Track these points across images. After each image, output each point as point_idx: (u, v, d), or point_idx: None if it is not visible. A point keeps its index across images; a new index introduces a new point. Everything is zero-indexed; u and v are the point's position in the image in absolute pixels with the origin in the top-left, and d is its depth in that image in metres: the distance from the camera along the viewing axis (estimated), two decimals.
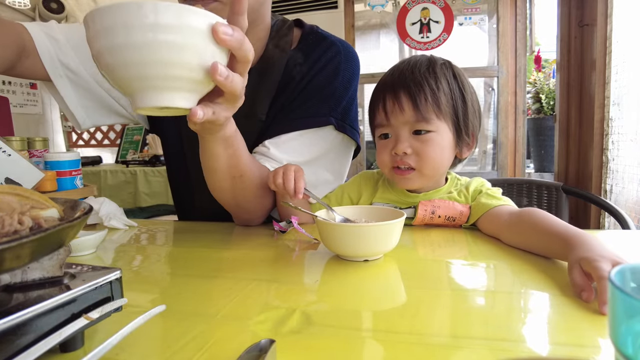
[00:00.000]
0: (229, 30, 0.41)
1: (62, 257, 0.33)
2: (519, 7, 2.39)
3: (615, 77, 1.62)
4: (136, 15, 0.37)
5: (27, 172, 0.97)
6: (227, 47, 0.42)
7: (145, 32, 0.37)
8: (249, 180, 0.69)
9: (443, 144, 0.70)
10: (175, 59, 0.39)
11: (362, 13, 2.71)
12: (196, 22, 0.39)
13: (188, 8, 0.38)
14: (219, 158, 0.63)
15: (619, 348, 0.21)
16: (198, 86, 0.43)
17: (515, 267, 0.53)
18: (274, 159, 0.78)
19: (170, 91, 0.41)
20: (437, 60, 0.73)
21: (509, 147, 2.45)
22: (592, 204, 1.62)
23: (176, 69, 0.40)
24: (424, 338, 0.35)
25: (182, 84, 0.41)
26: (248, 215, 0.79)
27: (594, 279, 0.42)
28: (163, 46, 0.38)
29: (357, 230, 0.54)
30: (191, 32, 0.39)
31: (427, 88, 0.68)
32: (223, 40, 0.40)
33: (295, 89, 0.81)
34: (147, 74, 0.39)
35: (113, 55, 0.39)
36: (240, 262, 0.59)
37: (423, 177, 0.72)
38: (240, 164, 0.66)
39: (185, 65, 0.40)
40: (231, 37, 0.41)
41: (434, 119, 0.69)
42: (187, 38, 0.39)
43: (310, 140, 0.80)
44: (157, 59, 0.38)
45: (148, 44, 0.38)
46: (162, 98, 0.41)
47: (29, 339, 0.28)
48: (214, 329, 0.38)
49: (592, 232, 0.79)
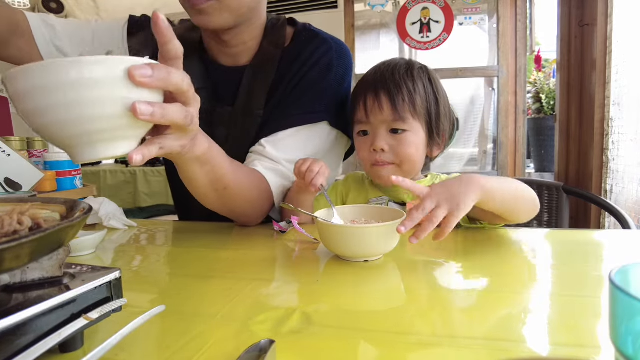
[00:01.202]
0: (147, 72, 0.38)
1: (62, 257, 0.33)
2: (519, 7, 2.39)
3: (616, 77, 1.62)
4: (47, 75, 0.35)
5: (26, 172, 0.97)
6: (150, 88, 0.40)
7: (59, 92, 0.35)
8: (236, 191, 0.68)
9: (417, 142, 0.75)
10: (96, 113, 0.37)
11: (362, 13, 2.70)
12: (108, 72, 0.36)
13: (98, 60, 0.36)
14: (197, 177, 0.61)
15: (619, 348, 0.21)
16: (133, 131, 0.41)
17: (515, 267, 0.53)
18: (270, 157, 0.78)
19: (103, 142, 0.40)
20: (414, 64, 0.78)
21: (509, 147, 2.44)
22: (592, 204, 1.62)
23: (102, 122, 0.38)
24: (423, 338, 0.35)
25: (113, 134, 0.40)
26: (245, 219, 0.79)
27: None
28: (80, 104, 0.36)
29: (357, 231, 0.54)
30: (106, 83, 0.36)
31: (405, 89, 0.73)
32: (142, 83, 0.38)
33: (289, 84, 0.82)
34: (73, 133, 0.38)
35: (35, 118, 0.37)
36: (240, 262, 0.58)
37: (401, 171, 0.76)
38: (223, 178, 0.64)
39: (109, 116, 0.38)
40: (151, 77, 0.38)
41: (409, 118, 0.73)
42: (102, 91, 0.36)
43: (306, 136, 0.81)
44: (78, 117, 0.36)
45: (65, 104, 0.36)
46: (95, 152, 0.40)
47: (29, 339, 0.28)
48: (213, 329, 0.38)
49: (592, 232, 0.79)
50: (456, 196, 0.52)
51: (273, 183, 0.77)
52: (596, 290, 0.45)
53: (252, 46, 0.84)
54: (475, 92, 2.62)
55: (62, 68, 0.35)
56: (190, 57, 0.86)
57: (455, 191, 0.53)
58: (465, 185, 0.54)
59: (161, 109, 0.40)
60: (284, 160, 0.78)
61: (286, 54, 0.83)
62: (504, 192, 0.58)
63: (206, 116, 0.85)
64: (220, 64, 0.86)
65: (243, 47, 0.83)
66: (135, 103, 0.38)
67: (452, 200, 0.52)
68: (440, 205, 0.51)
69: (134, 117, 0.38)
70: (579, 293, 0.44)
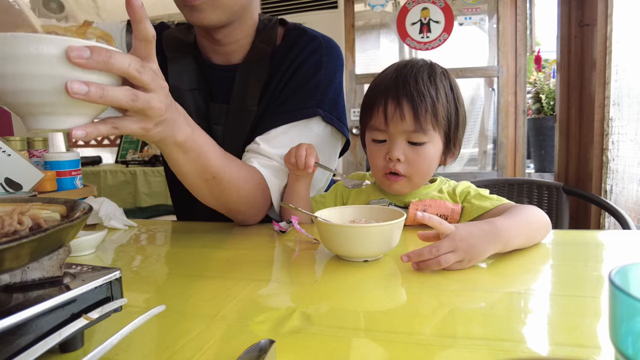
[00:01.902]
0: (84, 54, 0.39)
1: (62, 257, 0.33)
2: (519, 7, 2.39)
3: (615, 77, 1.62)
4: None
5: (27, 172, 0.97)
6: (90, 69, 0.41)
7: (5, 63, 0.38)
8: (226, 182, 0.68)
9: (434, 155, 0.73)
10: (35, 88, 0.40)
11: (362, 13, 2.70)
12: (46, 50, 0.39)
13: (36, 37, 0.39)
14: (180, 164, 0.62)
15: (619, 348, 0.21)
16: (76, 109, 0.43)
17: (515, 267, 0.53)
18: (265, 154, 0.78)
19: (47, 116, 0.42)
20: (437, 69, 0.74)
21: (509, 147, 2.44)
22: (592, 204, 1.62)
23: (42, 97, 0.40)
24: (423, 338, 0.35)
25: (55, 109, 0.42)
26: (242, 216, 0.79)
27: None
28: (23, 77, 0.39)
29: (357, 231, 0.54)
30: (42, 60, 0.39)
31: (428, 99, 0.69)
32: (78, 64, 0.39)
33: (281, 82, 0.83)
34: (18, 102, 0.41)
35: None
36: (240, 262, 0.59)
37: (411, 185, 0.74)
38: (210, 167, 0.64)
39: (48, 92, 0.40)
40: (88, 59, 0.39)
41: (430, 130, 0.70)
42: (38, 67, 0.39)
43: (299, 132, 0.81)
44: (20, 89, 0.39)
45: (11, 75, 0.39)
46: (38, 123, 0.43)
47: (29, 339, 0.28)
48: (214, 329, 0.38)
49: (592, 232, 0.79)
50: (475, 249, 0.50)
51: (270, 182, 0.77)
52: (596, 290, 0.45)
53: (244, 45, 0.84)
54: (475, 92, 2.62)
55: (8, 41, 0.38)
56: (185, 57, 0.87)
57: (477, 244, 0.51)
58: (489, 241, 0.52)
59: (99, 89, 0.41)
60: (278, 156, 0.79)
61: (277, 52, 0.84)
62: (521, 239, 0.57)
63: (202, 114, 0.86)
64: (214, 63, 0.87)
65: (235, 45, 0.84)
66: (68, 81, 0.39)
67: (469, 252, 0.50)
68: (456, 252, 0.49)
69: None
70: (579, 293, 0.44)
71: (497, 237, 0.53)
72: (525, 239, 0.58)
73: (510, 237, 0.54)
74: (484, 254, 0.52)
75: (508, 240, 0.54)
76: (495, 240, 0.53)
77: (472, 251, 0.50)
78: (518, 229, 0.56)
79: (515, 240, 0.55)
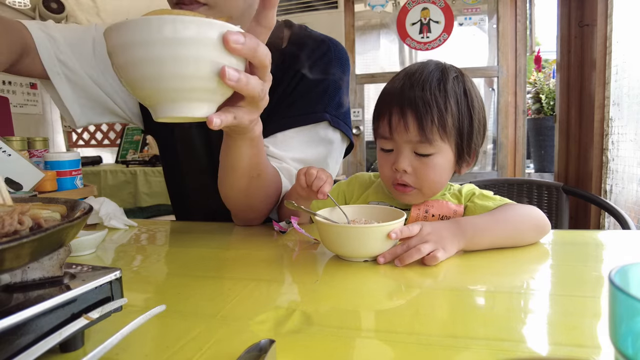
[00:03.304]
0: (240, 39, 0.41)
1: (62, 257, 0.33)
2: (519, 7, 2.39)
3: (615, 77, 1.62)
4: (147, 31, 0.37)
5: (27, 172, 0.97)
6: (240, 56, 0.42)
7: (156, 47, 0.38)
8: (264, 180, 0.70)
9: (443, 165, 0.69)
10: (189, 72, 0.39)
11: (362, 13, 2.71)
12: (207, 33, 0.39)
13: (197, 20, 0.38)
14: (242, 157, 0.63)
15: (619, 348, 0.21)
16: (214, 95, 0.44)
17: (515, 267, 0.53)
18: (275, 156, 0.78)
19: (187, 102, 0.42)
20: (449, 74, 0.69)
21: (509, 147, 2.45)
22: (592, 204, 1.62)
23: (191, 81, 0.40)
24: (423, 338, 0.35)
25: (198, 94, 0.42)
26: (254, 214, 0.79)
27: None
28: (176, 60, 0.38)
29: (357, 231, 0.54)
30: (203, 44, 0.39)
31: (434, 109, 0.66)
32: (234, 49, 0.40)
33: (289, 86, 0.82)
34: (163, 87, 0.40)
35: (128, 70, 0.40)
36: (240, 262, 0.59)
37: (422, 195, 0.72)
38: (260, 164, 0.67)
39: (200, 76, 0.40)
40: (242, 45, 0.41)
41: (437, 140, 0.66)
42: (199, 51, 0.39)
43: (307, 137, 0.81)
44: (171, 73, 0.39)
45: (161, 59, 0.38)
46: (178, 109, 0.42)
47: (29, 339, 0.28)
48: (214, 329, 0.38)
49: (592, 232, 0.79)
50: (444, 240, 0.55)
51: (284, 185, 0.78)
52: (596, 290, 0.45)
53: None
54: None
55: (160, 24, 0.37)
56: None
57: (445, 235, 0.56)
58: (454, 234, 0.57)
59: (246, 77, 0.43)
60: (289, 158, 0.79)
61: (284, 55, 0.83)
62: (494, 236, 0.59)
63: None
64: None
65: None
66: (225, 67, 0.40)
67: (439, 242, 0.55)
68: (428, 242, 0.54)
69: (219, 81, 0.41)
70: (579, 293, 0.44)
71: (461, 232, 0.57)
72: (500, 238, 0.59)
73: (474, 234, 0.58)
74: (451, 246, 0.56)
75: (473, 236, 0.57)
76: (459, 234, 0.57)
77: (442, 241, 0.55)
78: (488, 226, 0.59)
79: (482, 237, 0.58)
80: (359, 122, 2.65)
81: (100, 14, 3.21)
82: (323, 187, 0.65)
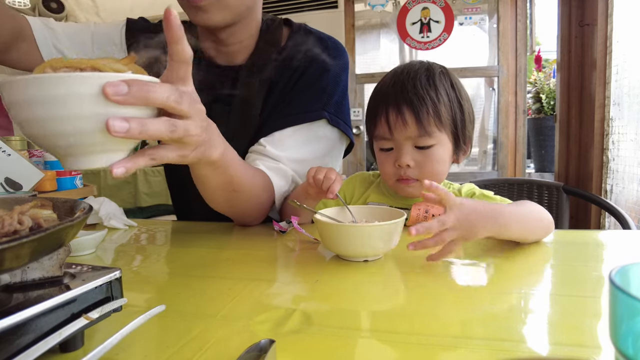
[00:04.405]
0: (122, 89, 0.36)
1: (62, 257, 0.33)
2: (520, 6, 2.39)
3: (616, 77, 1.62)
4: (24, 91, 0.35)
5: (27, 172, 0.97)
6: (127, 105, 0.38)
7: (38, 107, 0.35)
8: (244, 194, 0.68)
9: (443, 155, 0.72)
10: (70, 130, 0.37)
11: (362, 13, 2.70)
12: (79, 89, 0.35)
13: (66, 77, 0.35)
14: (208, 178, 0.61)
15: (620, 348, 0.21)
16: (117, 145, 0.40)
17: (515, 267, 0.53)
18: (271, 156, 0.78)
19: (89, 155, 0.40)
20: (435, 69, 0.73)
21: (509, 147, 2.45)
22: (592, 204, 1.62)
23: (81, 138, 0.37)
24: (424, 338, 0.35)
25: (95, 147, 0.39)
26: (248, 219, 0.79)
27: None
28: (56, 120, 0.36)
29: (357, 231, 0.54)
30: (78, 101, 0.36)
31: (429, 102, 0.69)
32: (117, 101, 0.36)
33: (287, 84, 0.82)
34: (57, 144, 0.38)
35: (23, 129, 0.38)
36: (240, 262, 0.59)
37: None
38: (233, 182, 0.64)
39: (87, 132, 0.37)
40: (126, 95, 0.36)
41: (435, 132, 0.70)
42: (74, 109, 0.36)
43: (305, 135, 0.81)
44: (57, 131, 0.37)
45: (44, 119, 0.36)
46: (78, 163, 0.40)
47: (29, 339, 0.28)
48: (214, 329, 0.38)
49: (593, 232, 0.79)
50: (473, 228, 0.52)
51: (276, 184, 0.77)
52: (596, 290, 0.45)
53: (248, 45, 0.84)
54: (475, 92, 2.62)
55: (42, 83, 0.35)
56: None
57: (476, 222, 0.52)
58: (486, 220, 0.53)
59: (139, 124, 0.38)
60: (285, 158, 0.78)
61: (282, 53, 0.83)
62: (519, 230, 0.57)
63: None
64: (216, 63, 0.86)
65: (239, 45, 0.83)
66: (109, 119, 0.36)
67: (468, 230, 0.51)
68: (455, 229, 0.50)
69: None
70: (579, 293, 0.44)
71: (497, 219, 0.54)
72: (522, 232, 0.58)
73: (507, 224, 0.55)
74: (480, 234, 0.53)
75: (504, 224, 0.54)
76: (493, 221, 0.53)
77: (471, 230, 0.52)
78: (518, 218, 0.57)
79: (511, 228, 0.56)
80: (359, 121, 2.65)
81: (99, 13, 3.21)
82: (333, 186, 0.66)
